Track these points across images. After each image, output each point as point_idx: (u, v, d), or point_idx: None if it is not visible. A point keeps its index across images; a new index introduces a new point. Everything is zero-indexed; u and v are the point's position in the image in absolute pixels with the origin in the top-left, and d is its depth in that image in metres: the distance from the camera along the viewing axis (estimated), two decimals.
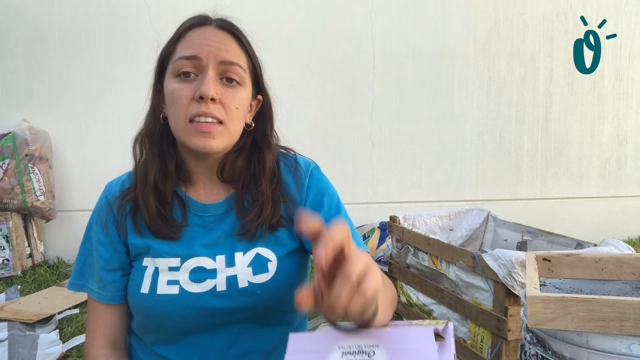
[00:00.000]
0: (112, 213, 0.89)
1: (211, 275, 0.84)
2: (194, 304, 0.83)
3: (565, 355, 0.74)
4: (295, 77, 3.68)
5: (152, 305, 0.83)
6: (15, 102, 3.35)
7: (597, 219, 4.25)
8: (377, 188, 3.88)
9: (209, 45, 0.80)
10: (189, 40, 0.82)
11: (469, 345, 1.81)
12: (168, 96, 0.82)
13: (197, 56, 0.79)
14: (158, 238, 0.86)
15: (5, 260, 3.06)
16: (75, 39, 3.38)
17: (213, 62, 0.80)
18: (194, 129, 0.79)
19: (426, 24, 3.87)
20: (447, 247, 1.87)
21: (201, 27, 0.83)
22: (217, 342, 0.87)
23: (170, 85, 0.81)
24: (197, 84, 0.79)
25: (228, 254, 0.86)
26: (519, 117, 4.11)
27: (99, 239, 0.89)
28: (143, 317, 0.87)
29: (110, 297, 0.88)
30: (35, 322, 2.27)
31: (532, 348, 0.81)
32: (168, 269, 0.85)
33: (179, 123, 0.80)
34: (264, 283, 0.85)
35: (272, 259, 0.87)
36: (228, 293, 0.84)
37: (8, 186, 3.09)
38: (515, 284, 1.52)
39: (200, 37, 0.81)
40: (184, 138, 0.81)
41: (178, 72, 0.80)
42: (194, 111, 0.78)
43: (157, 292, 0.83)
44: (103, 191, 0.92)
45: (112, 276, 0.88)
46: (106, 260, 0.88)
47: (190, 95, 0.79)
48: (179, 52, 0.81)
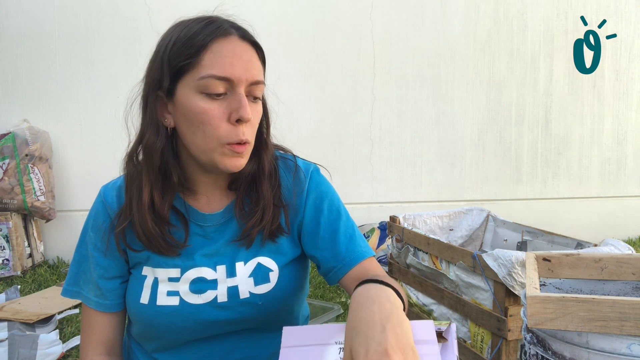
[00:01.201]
0: (109, 218, 0.86)
1: (212, 286, 0.83)
2: (195, 316, 0.82)
3: (565, 355, 0.74)
4: (295, 77, 3.68)
5: (152, 316, 0.82)
6: (15, 102, 3.35)
7: (597, 219, 4.25)
8: (377, 188, 3.88)
9: (240, 65, 0.75)
10: (218, 56, 0.74)
11: (469, 345, 1.81)
12: (195, 115, 0.75)
13: (230, 78, 0.74)
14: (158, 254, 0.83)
15: (5, 260, 3.06)
16: (75, 39, 3.38)
17: (245, 83, 0.76)
18: (230, 151, 0.76)
19: (426, 24, 3.87)
20: (447, 247, 1.87)
21: (226, 39, 0.76)
22: (217, 348, 0.86)
23: (197, 102, 0.75)
24: (228, 104, 0.75)
25: (229, 264, 0.84)
26: (519, 117, 4.11)
27: (95, 246, 0.86)
28: (143, 327, 0.85)
29: (109, 306, 0.86)
30: (35, 322, 2.27)
31: (532, 348, 0.81)
32: (168, 279, 0.83)
33: (209, 144, 0.76)
34: (266, 294, 0.84)
35: (273, 269, 0.85)
36: (229, 304, 0.83)
37: (8, 186, 3.09)
38: (515, 284, 1.52)
39: (231, 54, 0.75)
40: (215, 158, 0.77)
41: (209, 92, 0.74)
42: (234, 138, 0.75)
43: (156, 303, 0.82)
44: (98, 195, 0.89)
45: (111, 284, 0.86)
46: (104, 268, 0.86)
47: (224, 116, 0.75)
48: (208, 69, 0.74)
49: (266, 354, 0.88)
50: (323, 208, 0.89)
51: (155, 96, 0.79)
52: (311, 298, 2.64)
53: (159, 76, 0.78)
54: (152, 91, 0.79)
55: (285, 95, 3.75)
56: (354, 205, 3.75)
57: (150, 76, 0.79)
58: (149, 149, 0.79)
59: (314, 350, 0.56)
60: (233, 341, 0.86)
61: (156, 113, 0.79)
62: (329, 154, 3.77)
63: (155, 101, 0.79)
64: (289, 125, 3.74)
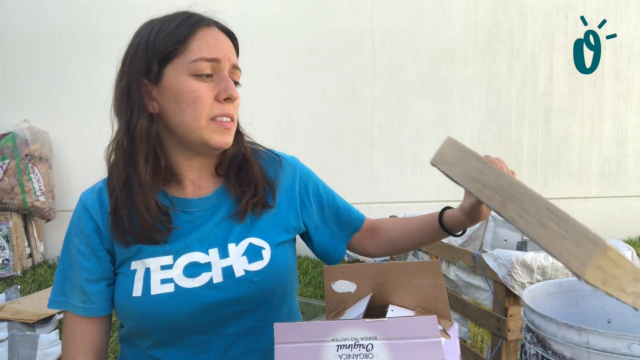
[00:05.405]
0: (91, 219, 0.86)
1: (206, 269, 0.84)
2: (191, 299, 0.82)
3: (565, 355, 0.74)
4: (295, 76, 3.68)
5: (147, 307, 0.81)
6: (15, 102, 3.35)
7: (597, 219, 4.25)
8: (377, 188, 3.88)
9: (224, 48, 0.84)
10: (204, 42, 0.82)
11: (469, 345, 1.81)
12: (185, 94, 0.80)
13: (218, 59, 0.82)
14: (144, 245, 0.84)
15: (5, 260, 3.06)
16: (75, 39, 3.38)
17: (228, 65, 0.84)
18: (217, 126, 0.82)
19: (426, 24, 3.87)
20: (447, 247, 1.87)
21: (209, 28, 0.84)
22: (215, 343, 0.86)
23: (188, 83, 0.80)
24: (216, 85, 0.82)
25: (221, 246, 0.86)
26: (519, 117, 4.11)
27: (79, 250, 0.86)
28: (136, 322, 0.84)
29: (96, 310, 0.85)
30: (35, 322, 2.27)
31: (532, 348, 0.81)
32: (160, 267, 0.83)
33: (197, 121, 0.81)
34: (261, 270, 0.85)
35: (265, 247, 0.88)
36: (225, 284, 0.83)
37: (8, 186, 3.09)
38: (515, 284, 1.53)
39: (215, 40, 0.83)
40: (204, 135, 0.82)
41: (199, 73, 0.81)
42: (218, 111, 0.82)
43: (151, 293, 0.81)
44: (78, 202, 0.90)
45: (97, 287, 0.85)
46: (89, 271, 0.85)
47: (212, 95, 0.82)
48: (197, 53, 0.81)
49: (264, 347, 0.88)
50: (321, 193, 1.02)
51: (141, 83, 0.83)
52: (311, 298, 2.64)
53: (144, 64, 0.82)
54: (136, 80, 0.83)
55: (285, 95, 3.76)
56: (354, 205, 3.74)
57: (131, 66, 0.83)
58: (141, 134, 0.82)
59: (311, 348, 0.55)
60: (232, 336, 0.86)
61: (143, 99, 0.83)
62: (328, 154, 3.77)
63: (137, 87, 0.83)
64: (289, 125, 3.75)
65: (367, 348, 0.53)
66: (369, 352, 0.53)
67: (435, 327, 0.53)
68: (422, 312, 0.66)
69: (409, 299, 0.68)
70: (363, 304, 0.65)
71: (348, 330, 0.55)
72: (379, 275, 0.69)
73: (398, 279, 0.68)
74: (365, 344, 0.54)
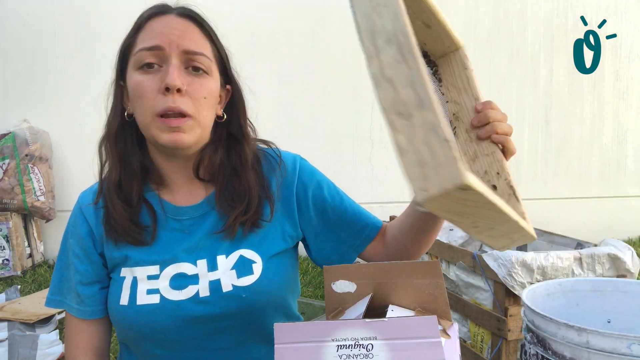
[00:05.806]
0: (85, 222, 0.85)
1: (193, 281, 0.80)
2: (176, 312, 0.79)
3: (565, 355, 0.74)
4: (295, 76, 3.68)
5: (133, 317, 0.79)
6: (15, 102, 3.35)
7: (597, 219, 4.25)
8: (377, 188, 3.88)
9: (171, 34, 0.77)
10: (149, 31, 0.78)
11: (469, 346, 1.81)
12: (132, 90, 0.78)
13: (159, 46, 0.76)
14: (130, 244, 0.82)
15: (5, 260, 3.06)
16: (75, 39, 3.38)
17: (176, 52, 0.76)
18: (162, 124, 0.75)
19: None
20: (447, 247, 1.87)
21: (162, 16, 0.80)
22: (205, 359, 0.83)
23: (133, 78, 0.77)
24: (162, 75, 0.75)
25: (210, 257, 0.82)
26: (519, 117, 4.11)
27: (74, 252, 0.85)
28: (125, 331, 0.83)
29: (89, 312, 0.84)
30: (35, 322, 2.27)
31: (532, 348, 0.81)
32: (147, 277, 0.81)
33: (145, 118, 0.76)
34: (249, 286, 0.81)
35: (256, 261, 0.83)
36: (211, 299, 0.79)
37: (8, 186, 3.09)
38: (515, 284, 1.53)
39: (161, 26, 0.78)
40: (153, 133, 0.77)
41: (140, 64, 0.77)
42: (162, 106, 0.74)
43: (137, 303, 0.79)
44: (76, 202, 0.89)
45: (90, 290, 0.84)
46: (82, 273, 0.84)
47: (156, 87, 0.75)
48: (139, 44, 0.78)
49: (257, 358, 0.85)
50: (325, 195, 0.91)
51: (117, 84, 0.85)
52: (311, 298, 2.64)
53: (119, 66, 0.84)
54: (116, 82, 0.85)
55: (285, 96, 3.76)
56: None
57: (115, 69, 0.85)
58: (109, 135, 0.83)
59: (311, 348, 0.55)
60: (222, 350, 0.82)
61: (120, 100, 0.84)
62: (329, 154, 3.76)
63: (117, 89, 0.84)
64: (289, 125, 3.74)
65: (367, 348, 0.53)
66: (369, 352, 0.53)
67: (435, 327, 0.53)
68: (422, 312, 0.66)
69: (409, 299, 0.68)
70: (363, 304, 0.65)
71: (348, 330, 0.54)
72: (378, 275, 0.69)
73: (398, 278, 0.68)
74: (365, 344, 0.53)
